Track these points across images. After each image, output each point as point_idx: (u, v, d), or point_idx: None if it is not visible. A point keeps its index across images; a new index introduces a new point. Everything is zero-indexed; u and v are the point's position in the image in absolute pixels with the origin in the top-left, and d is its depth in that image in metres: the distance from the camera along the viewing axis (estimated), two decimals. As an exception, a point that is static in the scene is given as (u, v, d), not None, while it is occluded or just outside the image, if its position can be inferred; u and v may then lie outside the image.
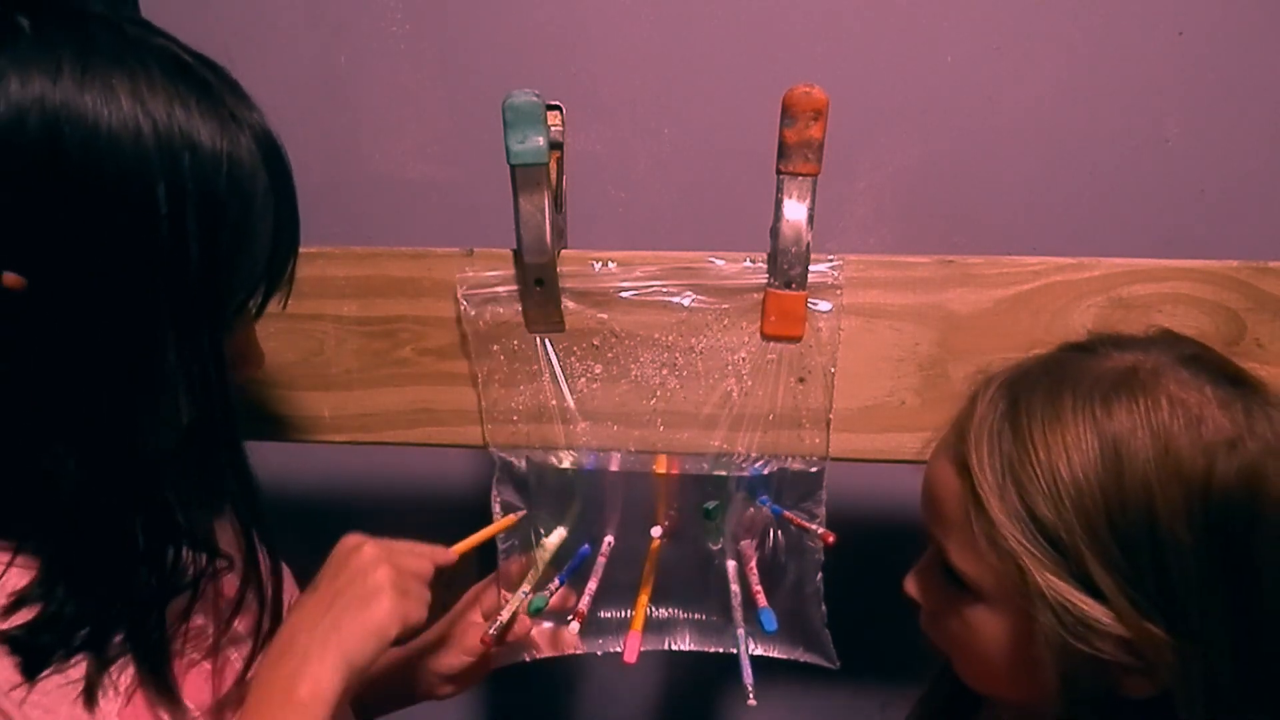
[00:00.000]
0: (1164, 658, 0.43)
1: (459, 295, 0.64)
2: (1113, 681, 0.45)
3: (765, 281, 0.62)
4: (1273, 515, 0.43)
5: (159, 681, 0.45)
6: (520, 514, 0.68)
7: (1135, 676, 0.45)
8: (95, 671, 0.43)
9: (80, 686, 0.43)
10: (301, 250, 0.64)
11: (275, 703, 0.45)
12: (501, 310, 0.64)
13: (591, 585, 0.65)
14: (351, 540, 0.54)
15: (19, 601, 0.42)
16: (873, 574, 0.69)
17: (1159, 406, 0.44)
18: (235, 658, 0.52)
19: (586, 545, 0.69)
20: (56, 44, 0.38)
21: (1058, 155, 0.86)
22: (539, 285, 0.63)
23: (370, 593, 0.50)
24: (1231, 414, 0.44)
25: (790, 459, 0.66)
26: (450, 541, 0.62)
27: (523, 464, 0.68)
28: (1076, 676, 0.45)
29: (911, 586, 0.55)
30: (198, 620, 0.49)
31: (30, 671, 0.41)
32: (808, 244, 0.60)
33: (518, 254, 0.62)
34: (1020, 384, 0.49)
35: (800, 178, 0.58)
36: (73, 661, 0.43)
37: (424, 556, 0.57)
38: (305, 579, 0.65)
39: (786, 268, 0.61)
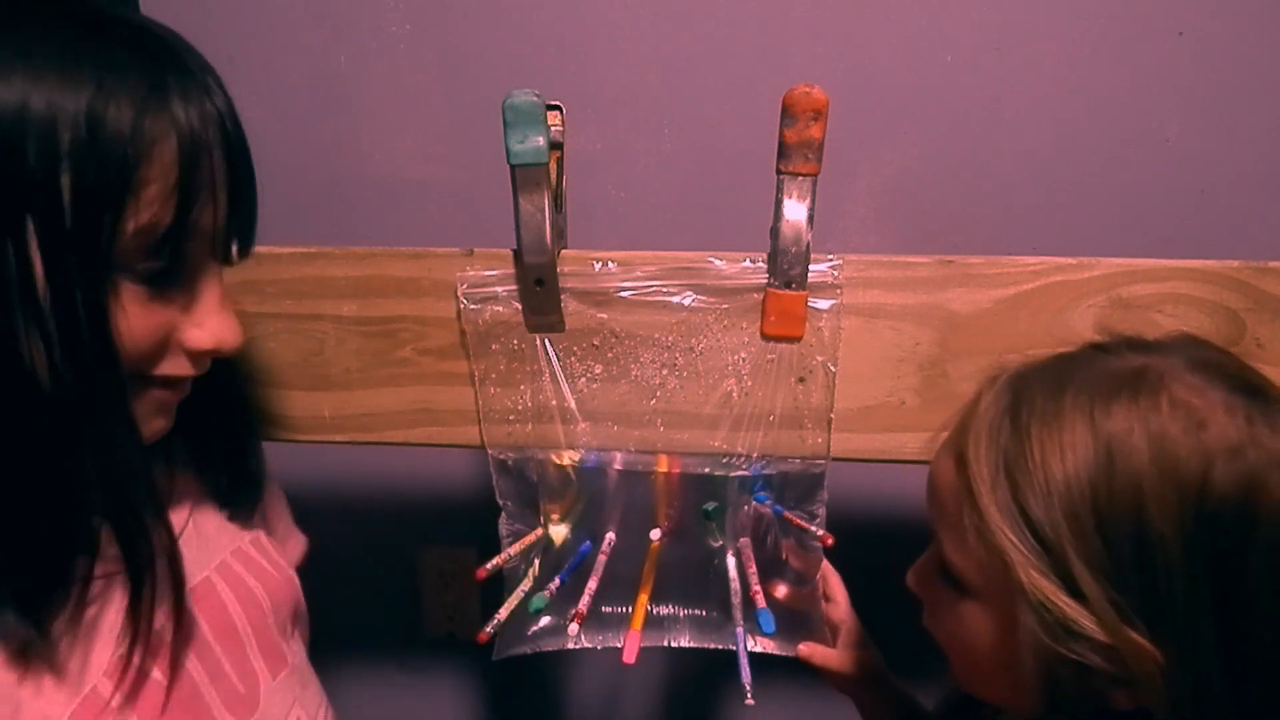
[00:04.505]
0: (1146, 668, 0.42)
1: (459, 294, 0.64)
2: (1098, 692, 0.44)
3: (765, 281, 0.62)
4: (1269, 528, 0.41)
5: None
6: (538, 532, 0.69)
7: (1120, 688, 0.43)
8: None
9: None
10: (301, 250, 0.65)
11: None
12: (501, 310, 0.64)
13: (592, 584, 0.65)
14: None
15: None
16: (872, 574, 0.69)
17: (1158, 408, 0.43)
18: (158, 675, 0.49)
19: (588, 543, 0.69)
20: None
21: (1058, 155, 0.86)
22: (539, 285, 0.63)
23: None
24: (1236, 421, 0.42)
25: (791, 459, 0.66)
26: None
27: (521, 464, 0.68)
28: (1058, 681, 0.44)
29: (912, 580, 0.55)
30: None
31: None
32: (808, 244, 0.60)
33: (518, 254, 0.62)
34: (1026, 380, 0.48)
35: (800, 178, 0.58)
36: None
37: None
38: (306, 579, 0.66)
39: (786, 268, 0.61)
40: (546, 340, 0.65)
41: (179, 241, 0.44)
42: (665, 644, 0.70)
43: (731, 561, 0.68)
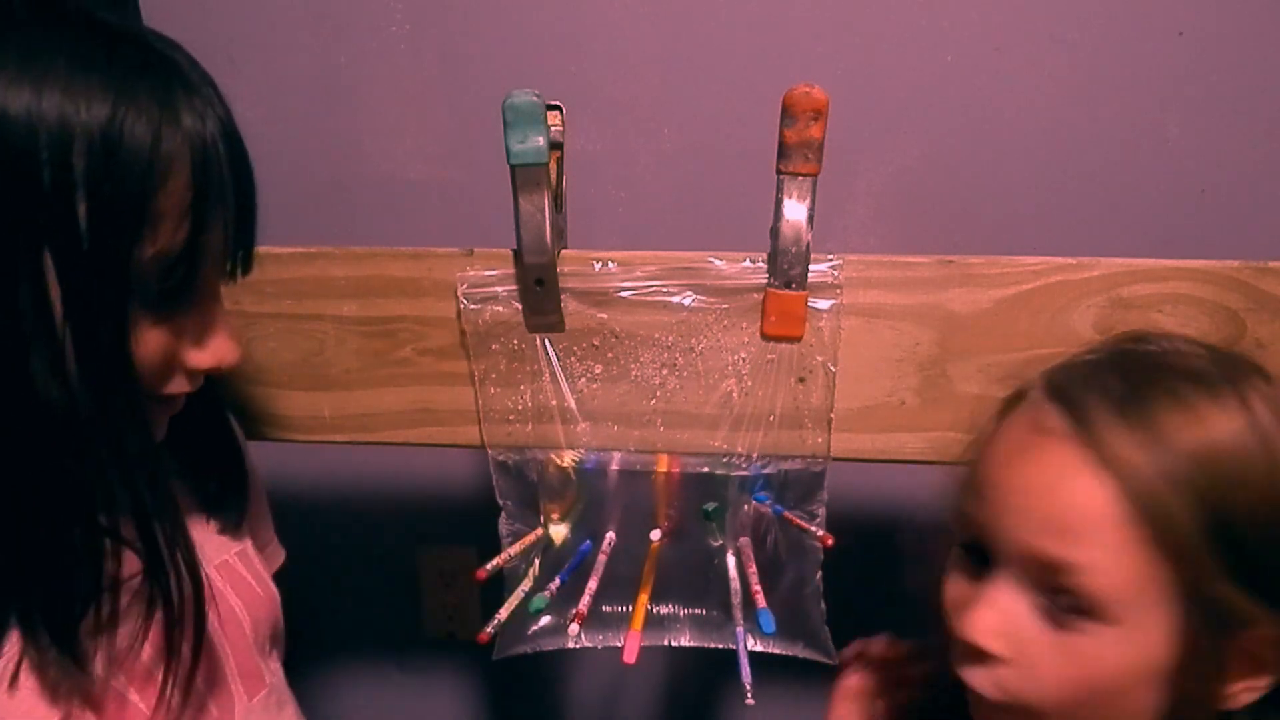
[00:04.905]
0: None
1: (459, 294, 0.64)
2: (1227, 697, 0.45)
3: (765, 281, 0.62)
4: None
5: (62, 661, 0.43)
6: (538, 532, 0.69)
7: (1248, 681, 0.45)
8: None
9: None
10: (301, 250, 0.66)
11: None
12: (501, 310, 0.64)
13: (592, 584, 0.65)
14: None
15: None
16: (873, 574, 0.69)
17: None
18: (135, 698, 0.49)
19: (588, 543, 0.69)
20: None
21: (1058, 155, 0.86)
22: (539, 285, 0.63)
23: None
24: None
25: (791, 459, 0.66)
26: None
27: (521, 464, 0.68)
28: (1207, 689, 0.44)
29: (988, 636, 0.46)
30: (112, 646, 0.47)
31: None
32: (808, 244, 0.60)
33: (518, 254, 0.62)
34: (1134, 378, 0.46)
35: (800, 178, 0.58)
36: None
37: None
38: (307, 579, 0.66)
39: (786, 268, 0.61)
40: (546, 340, 0.65)
41: (193, 263, 0.44)
42: (665, 644, 0.70)
43: (731, 561, 0.68)
